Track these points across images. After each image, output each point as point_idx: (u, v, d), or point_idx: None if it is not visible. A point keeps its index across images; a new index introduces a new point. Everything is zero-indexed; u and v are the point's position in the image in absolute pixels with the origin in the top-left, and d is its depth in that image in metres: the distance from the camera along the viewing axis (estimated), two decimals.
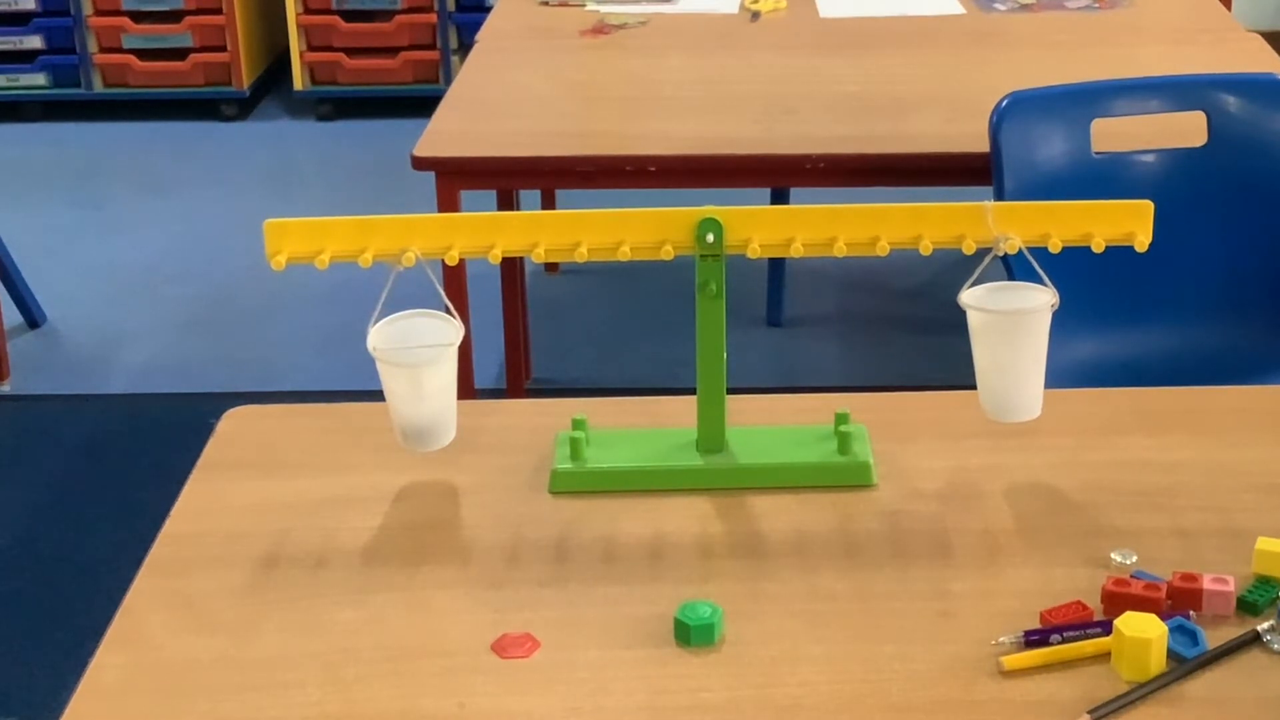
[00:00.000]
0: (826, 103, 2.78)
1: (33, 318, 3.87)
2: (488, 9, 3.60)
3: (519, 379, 3.36)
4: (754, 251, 1.48)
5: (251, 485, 1.56)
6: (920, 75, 2.90)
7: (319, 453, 1.62)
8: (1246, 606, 1.33)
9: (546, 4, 3.35)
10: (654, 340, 3.70)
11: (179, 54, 5.15)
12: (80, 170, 4.92)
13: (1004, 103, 2.39)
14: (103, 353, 3.76)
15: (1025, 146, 2.39)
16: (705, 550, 1.45)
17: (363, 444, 1.62)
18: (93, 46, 5.15)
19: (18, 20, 5.13)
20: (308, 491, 1.55)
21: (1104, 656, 1.28)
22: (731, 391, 1.54)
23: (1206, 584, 1.33)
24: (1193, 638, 1.28)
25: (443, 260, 1.47)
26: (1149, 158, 2.45)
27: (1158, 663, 1.26)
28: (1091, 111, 2.41)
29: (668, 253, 1.47)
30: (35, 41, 5.15)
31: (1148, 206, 1.46)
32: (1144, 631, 1.25)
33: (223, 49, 5.14)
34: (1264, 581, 1.35)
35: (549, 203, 3.81)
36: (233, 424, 1.68)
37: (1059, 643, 1.29)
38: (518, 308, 3.35)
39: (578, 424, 1.57)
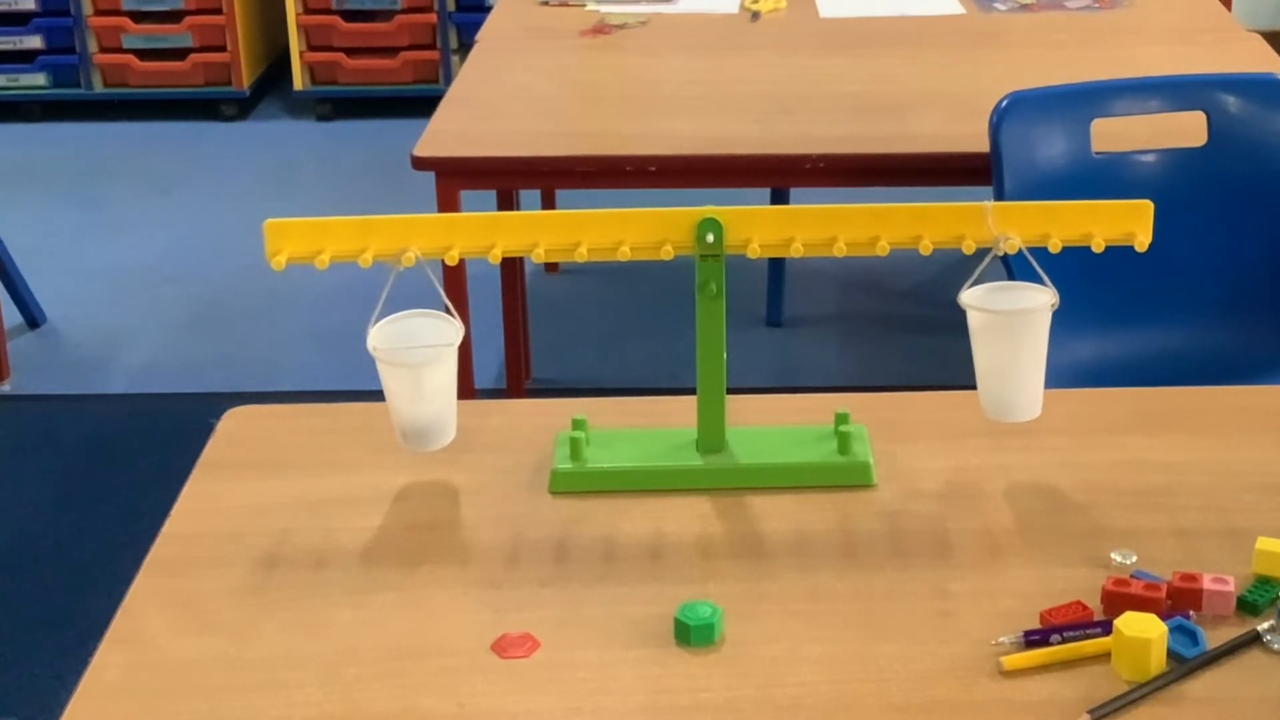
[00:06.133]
0: (826, 103, 2.78)
1: (33, 318, 3.87)
2: (488, 9, 3.60)
3: (519, 379, 3.36)
4: (754, 251, 1.48)
5: (251, 485, 1.56)
6: (920, 75, 2.90)
7: (319, 453, 1.62)
8: (1246, 606, 1.33)
9: (546, 4, 3.35)
10: (654, 340, 3.70)
11: (179, 54, 5.14)
12: (80, 170, 4.92)
13: (1004, 103, 2.39)
14: (103, 353, 3.76)
15: (1025, 146, 2.39)
16: (705, 550, 1.44)
17: (363, 444, 1.62)
18: (93, 46, 5.15)
19: (18, 20, 5.13)
20: (308, 491, 1.55)
21: (1104, 656, 1.28)
22: (731, 391, 1.54)
23: (1206, 584, 1.33)
24: (1193, 638, 1.28)
25: (443, 260, 1.47)
26: (1149, 158, 2.45)
27: (1158, 663, 1.26)
28: (1091, 111, 2.41)
29: (668, 253, 1.47)
30: (35, 41, 5.15)
31: (1148, 206, 1.46)
32: (1144, 631, 1.25)
33: (223, 49, 5.13)
34: (1264, 581, 1.35)
35: (549, 203, 3.81)
36: (233, 424, 1.68)
37: (1059, 643, 1.29)
38: (518, 308, 3.35)
39: (578, 424, 1.57)
